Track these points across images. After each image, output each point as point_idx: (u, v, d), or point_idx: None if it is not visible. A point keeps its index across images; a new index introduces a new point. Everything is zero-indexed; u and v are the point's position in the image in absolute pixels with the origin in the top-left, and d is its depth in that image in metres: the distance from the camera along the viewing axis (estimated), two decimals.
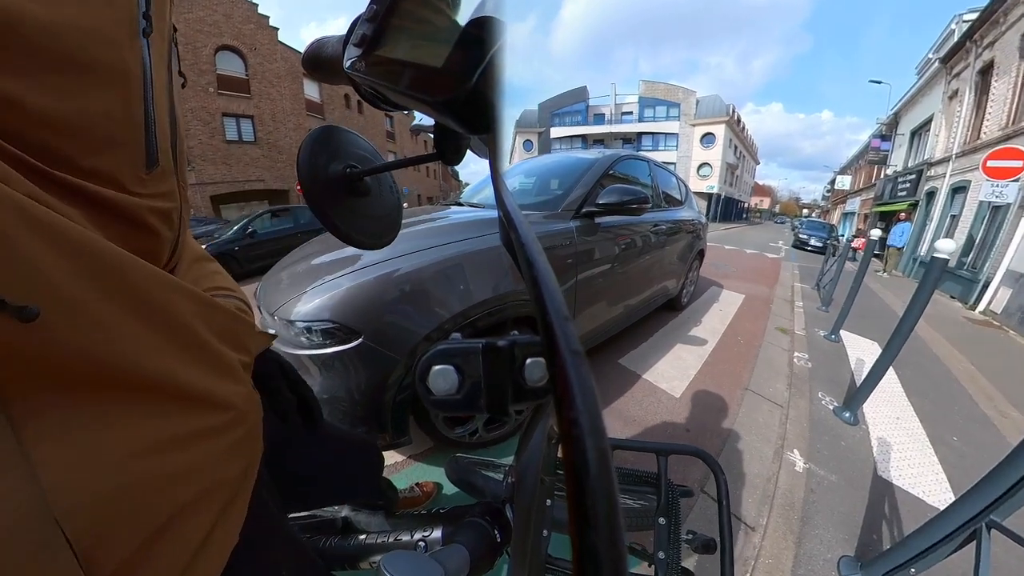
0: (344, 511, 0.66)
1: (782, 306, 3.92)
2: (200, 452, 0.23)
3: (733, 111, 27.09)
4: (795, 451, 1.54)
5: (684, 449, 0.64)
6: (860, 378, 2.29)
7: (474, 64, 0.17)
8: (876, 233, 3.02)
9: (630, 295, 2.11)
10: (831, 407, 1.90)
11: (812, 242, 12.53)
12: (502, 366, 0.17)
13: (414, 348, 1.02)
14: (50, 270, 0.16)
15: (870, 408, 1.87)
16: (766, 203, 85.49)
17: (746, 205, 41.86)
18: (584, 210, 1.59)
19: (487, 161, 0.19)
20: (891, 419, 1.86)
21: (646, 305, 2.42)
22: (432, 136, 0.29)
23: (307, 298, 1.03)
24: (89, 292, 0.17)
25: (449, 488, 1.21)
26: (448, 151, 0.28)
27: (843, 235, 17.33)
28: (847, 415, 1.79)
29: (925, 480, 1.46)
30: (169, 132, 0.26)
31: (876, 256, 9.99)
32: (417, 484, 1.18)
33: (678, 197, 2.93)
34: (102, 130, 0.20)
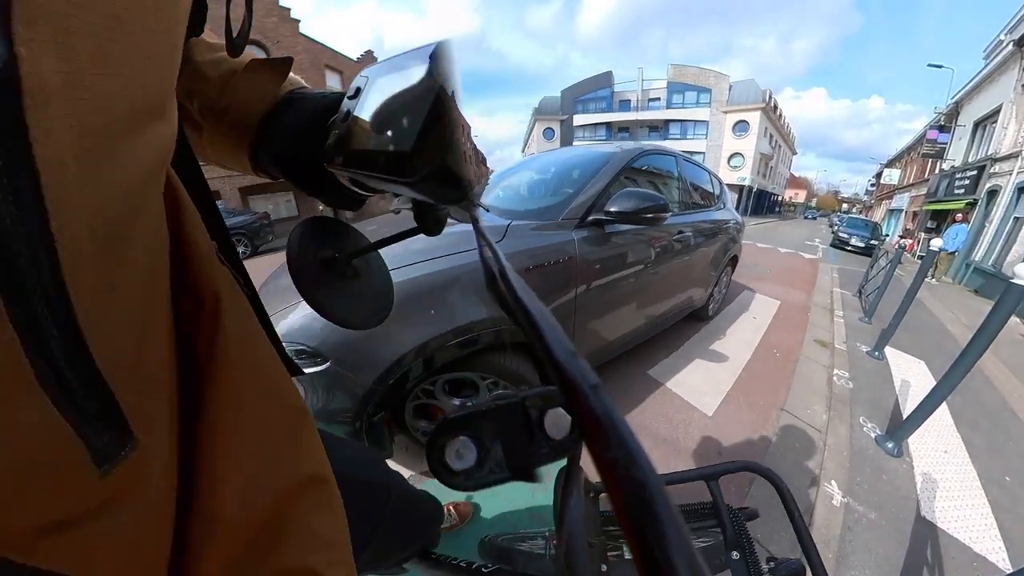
0: None
1: (821, 315, 3.76)
2: None
3: (769, 97, 25.43)
4: (833, 483, 1.51)
5: (734, 467, 0.60)
6: (904, 402, 2.20)
7: (440, 141, 0.19)
8: (937, 243, 2.79)
9: (644, 311, 1.92)
10: (873, 435, 1.85)
11: (853, 242, 11.76)
12: (517, 425, 0.16)
13: (385, 373, 0.99)
14: None
15: (916, 439, 1.80)
16: (802, 196, 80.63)
17: (779, 198, 39.68)
18: (591, 218, 1.41)
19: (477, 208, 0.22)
20: (938, 452, 1.79)
21: (663, 321, 2.23)
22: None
23: (283, 314, 1.00)
24: None
25: (488, 511, 1.20)
26: (429, 224, 0.31)
27: (887, 234, 16.20)
28: (890, 445, 1.73)
29: (973, 524, 1.41)
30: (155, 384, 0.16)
31: (921, 258, 9.26)
32: (453, 505, 1.15)
33: (711, 196, 2.70)
34: None
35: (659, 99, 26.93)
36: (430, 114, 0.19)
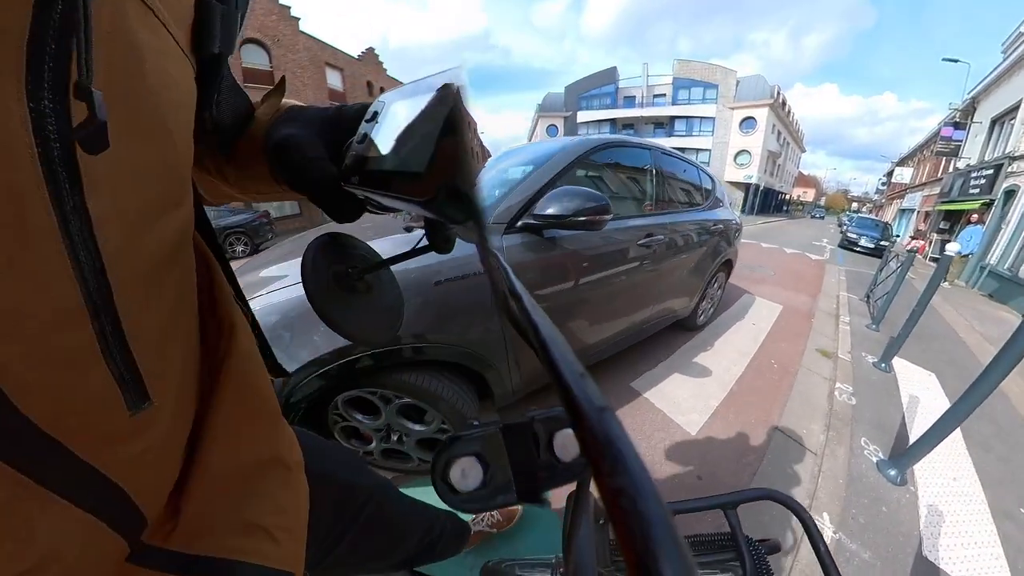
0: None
1: (825, 321, 3.59)
2: None
3: (778, 93, 24.88)
4: (824, 515, 1.37)
5: (753, 495, 0.57)
6: (912, 421, 2.04)
7: (451, 163, 0.20)
8: (954, 248, 2.52)
9: (600, 327, 1.69)
10: (874, 459, 1.69)
11: (862, 243, 11.44)
12: (527, 447, 0.16)
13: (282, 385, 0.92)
14: None
15: (922, 464, 1.64)
16: (810, 195, 79.27)
17: (787, 196, 38.99)
18: (521, 223, 1.24)
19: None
20: (946, 480, 1.63)
21: (629, 337, 2.00)
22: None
23: None
24: None
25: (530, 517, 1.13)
26: (439, 242, 0.33)
27: (898, 235, 15.76)
28: (893, 472, 1.58)
29: (981, 564, 1.26)
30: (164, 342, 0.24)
31: (934, 260, 9.02)
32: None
33: (700, 193, 2.45)
34: None
35: (664, 95, 26.55)
36: (442, 138, 0.21)
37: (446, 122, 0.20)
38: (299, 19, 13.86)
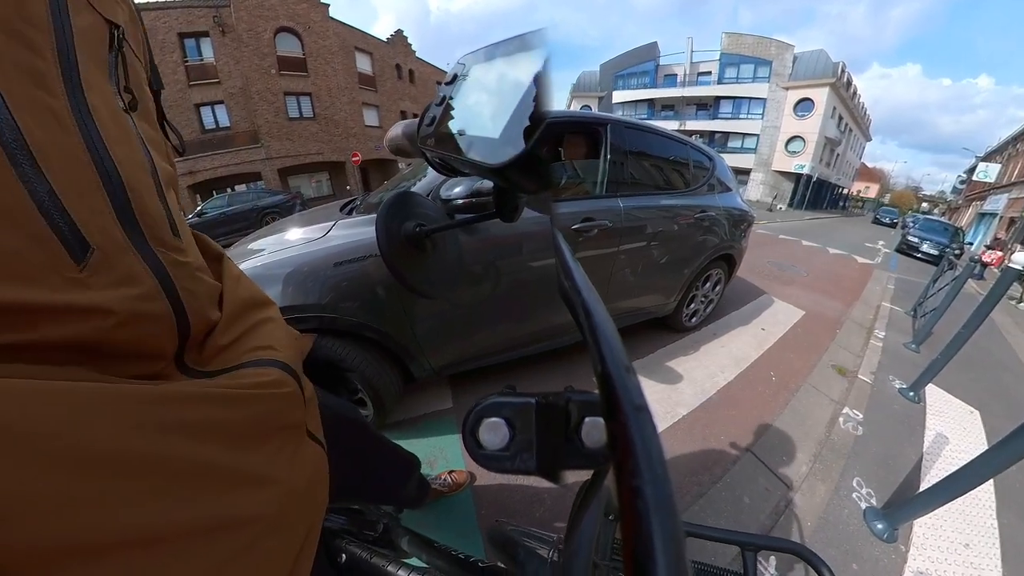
0: (386, 520, 0.68)
1: (853, 334, 3.12)
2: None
3: (842, 71, 21.85)
4: (771, 558, 1.12)
5: (778, 545, 0.56)
6: (930, 465, 1.68)
7: (528, 132, 0.21)
8: (1021, 259, 1.91)
9: (525, 320, 1.61)
10: (863, 505, 1.39)
11: (924, 248, 10.05)
12: (556, 424, 0.17)
13: None
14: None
15: (927, 520, 1.33)
16: (873, 191, 71.46)
17: (845, 191, 35.21)
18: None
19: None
20: (954, 546, 1.31)
21: (572, 331, 1.84)
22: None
23: None
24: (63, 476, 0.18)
25: (483, 478, 1.26)
26: (506, 210, 0.36)
27: (971, 242, 13.64)
28: (881, 525, 1.28)
29: None
30: (108, 201, 0.25)
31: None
32: (450, 472, 1.21)
33: (686, 177, 2.13)
34: None
35: (710, 73, 24.29)
36: (521, 104, 0.22)
37: (526, 89, 0.22)
38: (328, 5, 13.82)
